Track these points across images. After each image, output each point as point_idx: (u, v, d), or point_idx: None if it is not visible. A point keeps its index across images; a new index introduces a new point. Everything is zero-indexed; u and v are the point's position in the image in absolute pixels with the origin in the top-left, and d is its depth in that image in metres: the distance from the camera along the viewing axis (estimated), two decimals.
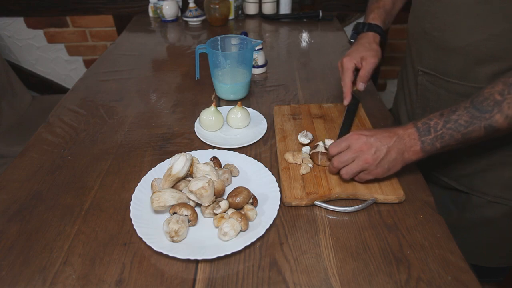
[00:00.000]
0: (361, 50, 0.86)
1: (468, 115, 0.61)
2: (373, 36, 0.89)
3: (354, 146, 0.67)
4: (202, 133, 0.90)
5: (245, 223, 0.63)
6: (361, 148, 0.66)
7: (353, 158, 0.67)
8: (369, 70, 0.83)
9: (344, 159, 0.68)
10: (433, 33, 0.76)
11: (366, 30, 0.91)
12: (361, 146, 0.66)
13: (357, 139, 0.67)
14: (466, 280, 0.57)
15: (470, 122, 0.61)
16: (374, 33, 0.90)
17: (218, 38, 1.04)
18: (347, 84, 0.84)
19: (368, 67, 0.83)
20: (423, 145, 0.64)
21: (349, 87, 0.84)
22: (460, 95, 0.76)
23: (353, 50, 0.87)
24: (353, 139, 0.67)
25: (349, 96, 0.84)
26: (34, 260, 0.61)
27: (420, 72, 0.84)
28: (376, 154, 0.65)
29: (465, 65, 0.73)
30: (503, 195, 0.79)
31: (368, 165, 0.66)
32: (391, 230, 0.65)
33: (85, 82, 1.17)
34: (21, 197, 0.73)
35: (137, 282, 0.58)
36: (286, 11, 1.71)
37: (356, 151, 0.67)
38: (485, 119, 0.59)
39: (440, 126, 0.63)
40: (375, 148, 0.65)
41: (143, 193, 0.72)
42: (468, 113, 0.61)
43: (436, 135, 0.63)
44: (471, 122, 0.60)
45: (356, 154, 0.67)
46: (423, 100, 0.87)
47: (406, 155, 0.66)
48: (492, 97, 0.59)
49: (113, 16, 1.92)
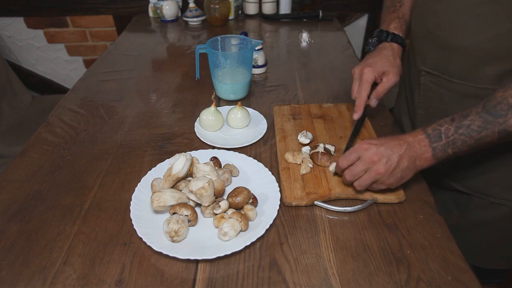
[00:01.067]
0: (385, 63, 0.80)
1: (481, 120, 0.59)
2: (398, 49, 0.84)
3: (364, 158, 0.65)
4: (202, 133, 0.90)
5: (245, 223, 0.63)
6: (372, 159, 0.64)
7: (364, 170, 0.65)
8: (388, 88, 0.79)
9: (356, 171, 0.66)
10: (436, 33, 0.76)
11: (390, 40, 0.84)
12: (372, 156, 0.64)
13: (367, 149, 0.64)
14: (466, 280, 0.57)
15: (483, 127, 0.59)
16: (399, 45, 0.84)
17: (218, 38, 1.04)
18: (363, 97, 0.78)
19: (388, 84, 0.78)
20: (435, 152, 0.63)
21: (364, 101, 0.78)
22: (463, 95, 0.76)
23: (376, 61, 0.80)
24: (363, 149, 0.65)
25: (361, 111, 0.78)
26: (34, 260, 0.61)
27: (423, 72, 0.83)
28: (388, 164, 0.63)
29: (469, 65, 0.72)
30: (505, 197, 0.78)
31: (381, 175, 0.64)
32: (391, 230, 0.65)
33: (85, 82, 1.17)
34: (21, 197, 0.73)
35: (137, 282, 0.58)
36: (286, 11, 1.71)
37: (367, 162, 0.64)
38: (499, 123, 0.58)
39: (452, 132, 0.61)
40: (386, 158, 0.63)
41: (143, 193, 0.72)
42: (481, 118, 0.60)
43: (448, 141, 0.62)
44: (485, 127, 0.59)
45: (367, 166, 0.65)
46: (425, 100, 0.86)
47: (418, 162, 0.64)
48: (506, 101, 0.58)
49: (113, 16, 1.92)
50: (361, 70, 0.79)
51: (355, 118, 0.79)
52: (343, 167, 0.68)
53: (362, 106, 0.78)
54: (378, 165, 0.63)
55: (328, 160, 0.76)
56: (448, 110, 0.79)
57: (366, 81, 0.78)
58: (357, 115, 0.78)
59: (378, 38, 0.86)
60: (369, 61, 0.80)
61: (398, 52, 0.83)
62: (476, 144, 0.61)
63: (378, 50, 0.85)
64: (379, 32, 0.86)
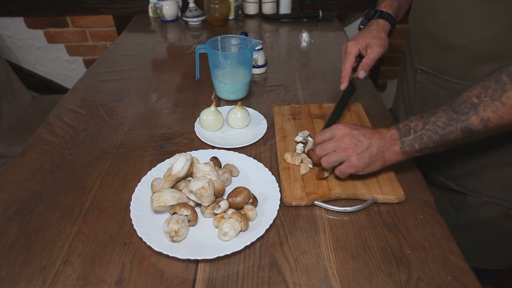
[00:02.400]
0: (368, 36, 0.84)
1: (446, 117, 0.62)
2: (384, 24, 0.88)
3: (337, 136, 0.68)
4: (202, 133, 0.90)
5: (245, 223, 0.63)
6: (343, 138, 0.67)
7: (334, 147, 0.68)
8: (373, 58, 0.82)
9: (326, 147, 0.69)
10: (433, 31, 0.76)
11: (377, 17, 0.88)
12: (343, 136, 0.67)
13: (341, 129, 0.68)
14: (466, 280, 0.57)
15: (447, 124, 0.62)
16: (385, 21, 0.88)
17: (218, 38, 1.04)
18: (346, 68, 0.82)
19: (372, 55, 0.82)
20: (403, 145, 0.66)
21: (348, 72, 0.82)
22: (458, 93, 0.76)
23: (360, 35, 0.85)
24: (337, 129, 0.69)
25: (347, 81, 0.83)
26: (34, 260, 0.61)
27: (419, 70, 0.84)
28: (357, 146, 0.66)
29: (465, 64, 0.73)
30: (499, 196, 0.78)
31: (348, 155, 0.67)
32: (391, 230, 0.65)
33: (85, 82, 1.17)
34: (21, 197, 0.73)
35: (137, 282, 0.58)
36: (286, 11, 1.71)
37: (337, 140, 0.68)
38: (461, 121, 0.60)
39: (420, 127, 0.64)
40: (356, 139, 0.67)
41: (143, 193, 0.72)
42: (446, 115, 0.62)
43: (415, 136, 0.65)
44: (449, 124, 0.62)
45: (337, 143, 0.68)
46: (421, 99, 0.87)
47: (387, 154, 0.67)
48: (470, 100, 0.60)
49: (113, 16, 1.92)
50: (346, 45, 0.85)
51: (342, 89, 0.84)
52: (317, 142, 0.71)
53: (347, 77, 0.83)
54: (347, 145, 0.67)
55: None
56: None
57: (350, 53, 0.83)
58: (343, 86, 0.83)
59: (366, 16, 0.92)
60: (354, 36, 0.86)
61: (384, 26, 0.88)
62: (441, 141, 0.63)
63: (366, 27, 0.90)
64: (368, 12, 0.92)
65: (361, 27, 0.93)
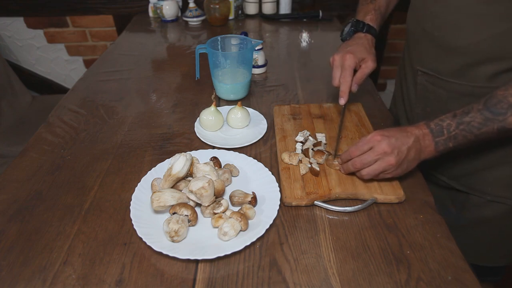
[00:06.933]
0: (362, 50, 0.83)
1: (482, 117, 0.62)
2: (372, 39, 0.88)
3: (377, 148, 0.67)
4: (202, 133, 0.90)
5: (245, 223, 0.63)
6: (385, 150, 0.66)
7: (376, 159, 0.67)
8: (367, 73, 0.82)
9: (367, 160, 0.68)
10: (433, 33, 0.76)
11: (365, 31, 0.88)
12: (385, 147, 0.66)
13: (380, 141, 0.67)
14: (466, 280, 0.57)
15: (483, 124, 0.62)
16: (372, 36, 0.88)
17: (218, 38, 1.04)
18: (347, 82, 0.81)
19: (367, 70, 0.82)
20: (437, 146, 0.66)
21: (349, 86, 0.81)
22: (460, 94, 0.77)
23: (354, 49, 0.83)
24: (376, 140, 0.67)
25: (347, 95, 0.81)
26: (34, 260, 0.61)
27: (420, 72, 0.84)
28: (399, 156, 0.66)
29: (466, 65, 0.73)
30: (502, 194, 0.79)
31: (391, 166, 0.66)
32: (391, 230, 0.65)
33: (85, 82, 1.17)
34: (21, 197, 0.73)
35: (137, 282, 0.58)
36: (286, 11, 1.71)
37: (379, 153, 0.67)
38: (498, 121, 0.61)
39: (453, 127, 0.65)
40: (397, 149, 0.66)
41: (143, 193, 0.72)
42: (482, 115, 0.62)
43: (450, 136, 0.65)
44: (485, 124, 0.62)
45: (379, 156, 0.67)
46: (423, 100, 0.87)
47: (422, 155, 0.68)
48: (506, 99, 0.61)
49: (113, 16, 1.92)
50: (342, 57, 0.82)
51: (342, 103, 0.81)
52: (354, 156, 0.70)
53: (347, 91, 0.81)
54: (390, 157, 0.66)
55: (320, 157, 0.77)
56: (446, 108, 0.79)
57: (349, 66, 0.81)
58: (344, 100, 0.81)
59: (355, 28, 0.90)
60: (348, 48, 0.83)
61: (372, 42, 0.88)
62: (476, 139, 0.64)
63: (354, 39, 0.88)
64: (356, 22, 0.90)
65: (347, 38, 0.91)
